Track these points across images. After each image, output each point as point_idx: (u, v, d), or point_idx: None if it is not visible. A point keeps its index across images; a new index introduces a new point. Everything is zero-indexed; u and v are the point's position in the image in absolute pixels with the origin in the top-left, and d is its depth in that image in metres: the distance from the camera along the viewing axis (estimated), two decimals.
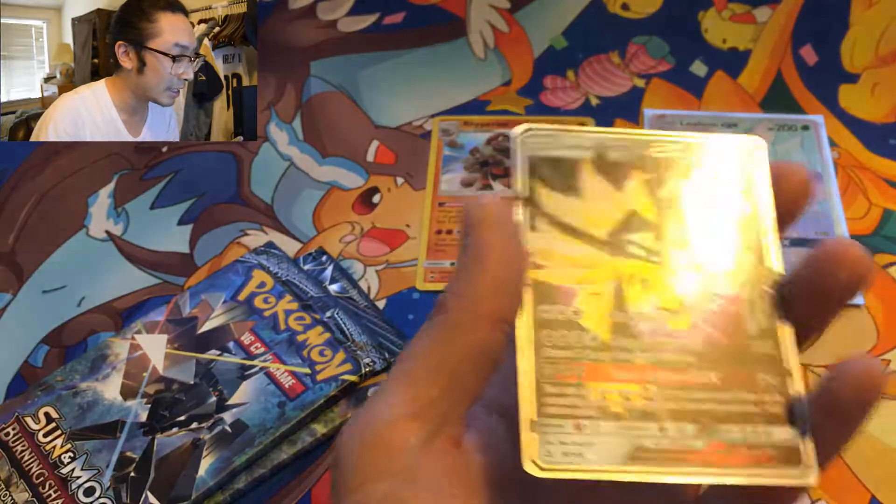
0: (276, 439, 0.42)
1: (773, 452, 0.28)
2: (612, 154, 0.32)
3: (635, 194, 0.32)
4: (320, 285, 0.49)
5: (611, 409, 0.28)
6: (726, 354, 0.29)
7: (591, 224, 0.31)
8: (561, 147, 0.32)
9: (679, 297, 0.30)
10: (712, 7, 0.65)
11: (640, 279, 0.31)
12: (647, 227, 0.31)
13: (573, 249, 0.31)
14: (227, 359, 0.45)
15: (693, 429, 0.29)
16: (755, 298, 0.30)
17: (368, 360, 0.44)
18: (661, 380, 0.29)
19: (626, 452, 0.28)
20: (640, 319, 0.30)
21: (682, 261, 0.30)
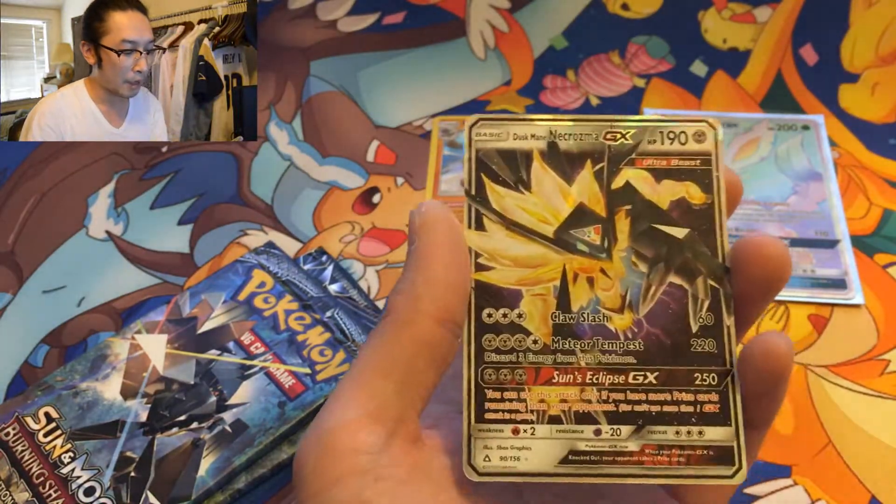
0: (276, 439, 0.42)
1: (705, 452, 0.28)
2: (564, 143, 0.31)
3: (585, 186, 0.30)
4: (320, 285, 0.49)
5: (549, 413, 0.28)
6: (667, 354, 0.29)
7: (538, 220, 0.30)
8: (511, 138, 0.31)
9: (623, 296, 0.29)
10: (712, 7, 0.65)
11: (585, 277, 0.30)
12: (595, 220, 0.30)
13: (519, 248, 0.30)
14: (228, 359, 0.45)
15: (628, 430, 0.29)
16: (700, 295, 0.29)
17: None
18: (600, 382, 0.29)
19: (561, 455, 0.28)
20: (583, 320, 0.30)
21: (628, 256, 0.30)
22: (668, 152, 0.31)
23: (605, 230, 0.30)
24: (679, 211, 0.30)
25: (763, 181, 0.53)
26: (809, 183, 0.53)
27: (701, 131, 0.31)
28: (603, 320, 0.30)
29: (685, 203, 0.30)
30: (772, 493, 0.40)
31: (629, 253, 0.30)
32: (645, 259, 0.30)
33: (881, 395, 0.44)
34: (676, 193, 0.30)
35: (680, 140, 0.31)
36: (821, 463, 0.41)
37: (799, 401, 0.43)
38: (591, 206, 0.30)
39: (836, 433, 0.42)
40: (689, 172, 0.31)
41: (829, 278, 0.48)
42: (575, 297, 0.30)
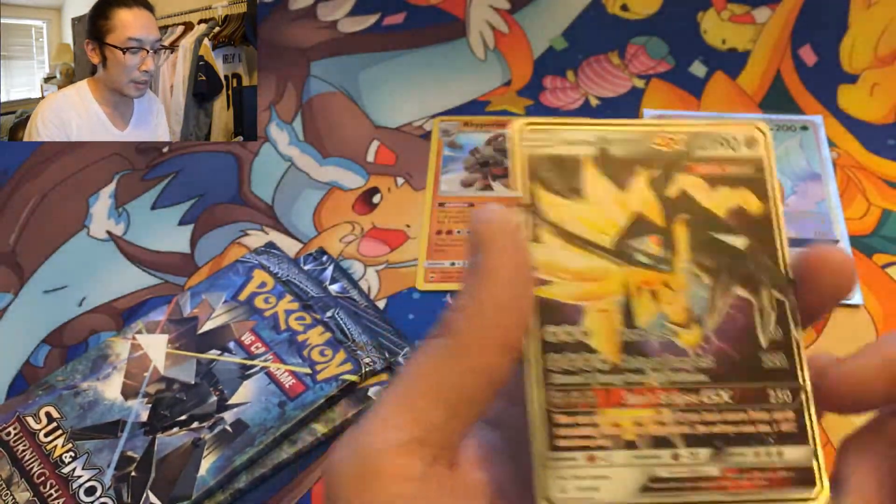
0: (276, 439, 0.42)
1: (786, 474, 0.27)
2: (615, 149, 0.30)
3: (640, 194, 0.29)
4: (321, 285, 0.49)
5: (624, 437, 0.27)
6: (739, 370, 0.28)
7: (595, 231, 0.29)
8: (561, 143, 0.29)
9: (689, 309, 0.28)
10: (711, 8, 0.65)
11: (649, 291, 0.29)
12: (654, 230, 0.29)
13: (578, 261, 0.28)
14: (228, 359, 0.45)
15: (706, 454, 0.27)
16: (766, 307, 0.28)
17: (368, 360, 0.45)
18: (673, 402, 0.28)
19: (641, 483, 0.27)
20: (649, 336, 0.28)
21: (690, 268, 0.28)
22: (720, 158, 0.30)
23: (664, 240, 0.29)
24: (737, 220, 0.29)
25: None
26: (808, 183, 0.53)
27: (752, 136, 0.30)
28: (671, 336, 0.28)
29: (742, 211, 0.29)
30: None
31: (691, 264, 0.28)
32: (707, 270, 0.28)
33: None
34: (733, 201, 0.29)
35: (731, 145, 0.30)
36: None
37: None
38: (649, 215, 0.29)
39: (835, 432, 0.43)
40: (744, 179, 0.30)
41: None
42: (640, 312, 0.29)
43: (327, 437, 0.44)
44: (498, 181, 0.55)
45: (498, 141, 0.58)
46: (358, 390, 0.44)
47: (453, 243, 0.52)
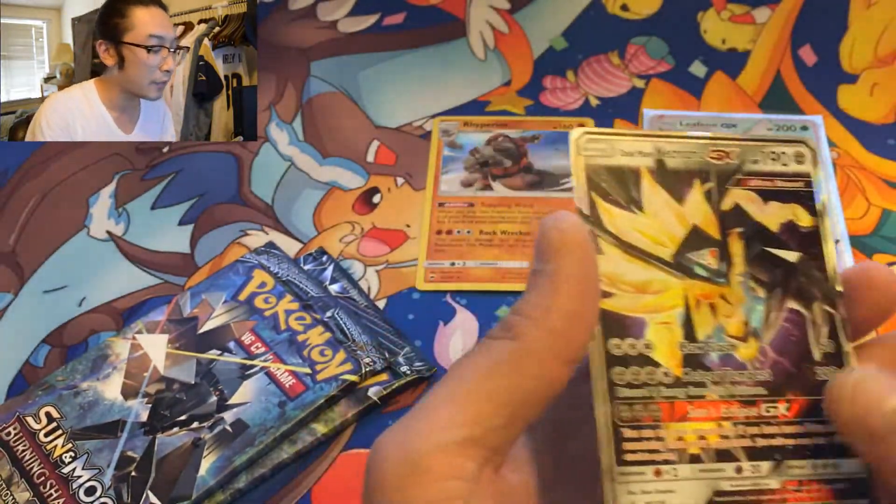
0: (276, 439, 0.42)
1: (842, 486, 0.27)
2: (671, 161, 0.29)
3: (696, 207, 0.29)
4: (321, 285, 0.49)
5: (688, 451, 0.27)
6: (795, 383, 0.28)
7: (654, 243, 0.29)
8: (619, 154, 0.29)
9: (746, 323, 0.28)
10: (711, 7, 0.65)
11: (707, 304, 0.29)
12: (711, 243, 0.29)
13: (639, 273, 0.28)
14: (228, 359, 0.45)
15: (767, 467, 0.28)
16: (818, 320, 0.28)
17: (368, 360, 0.45)
18: (734, 415, 0.28)
19: (706, 497, 0.27)
20: (709, 349, 0.29)
21: (746, 281, 0.29)
22: (770, 173, 0.30)
23: (720, 253, 0.29)
24: (788, 234, 0.29)
25: None
26: None
27: (800, 152, 0.31)
28: (729, 349, 0.29)
29: (793, 226, 0.29)
30: None
31: (746, 277, 0.29)
32: (762, 284, 0.29)
33: None
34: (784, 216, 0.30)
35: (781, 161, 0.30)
36: None
37: None
38: (705, 228, 0.29)
39: None
40: (794, 194, 0.30)
41: None
42: (699, 325, 0.29)
43: (327, 436, 0.44)
44: (498, 181, 0.55)
45: (498, 141, 0.58)
46: (358, 390, 0.44)
47: (453, 243, 0.52)
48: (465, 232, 0.52)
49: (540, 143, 0.57)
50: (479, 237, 0.52)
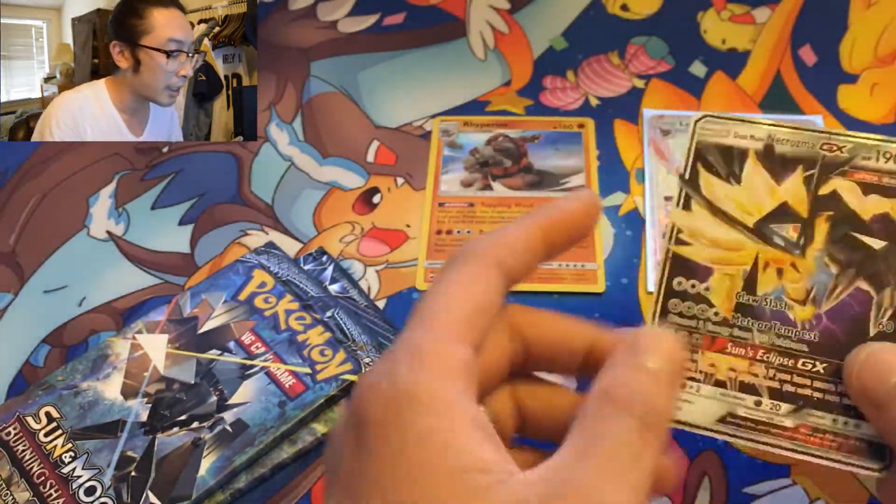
0: (276, 439, 0.42)
1: (858, 444, 0.30)
2: (780, 147, 0.33)
3: (793, 187, 0.33)
4: (321, 285, 0.49)
5: (716, 376, 0.31)
6: (840, 349, 0.30)
7: (741, 211, 0.33)
8: (732, 136, 0.34)
9: (809, 290, 0.31)
10: (711, 8, 0.65)
11: (776, 268, 0.32)
12: (796, 219, 0.32)
13: (719, 231, 0.32)
14: (228, 358, 0.45)
15: (787, 408, 0.31)
16: (885, 303, 0.31)
17: (368, 360, 0.45)
18: (770, 361, 0.31)
19: (720, 416, 0.30)
20: (764, 304, 0.32)
21: (821, 257, 0.31)
22: (879, 169, 0.33)
23: (803, 229, 0.32)
24: (881, 224, 0.32)
25: None
26: None
27: None
28: (784, 308, 0.32)
29: (888, 218, 0.32)
30: (771, 492, 0.41)
31: (823, 254, 0.32)
32: (838, 262, 0.32)
33: None
34: (881, 208, 0.32)
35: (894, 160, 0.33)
36: None
37: None
38: (794, 206, 0.32)
39: None
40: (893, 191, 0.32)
41: None
42: (762, 282, 0.32)
43: (327, 436, 0.44)
44: (498, 181, 0.55)
45: (498, 141, 0.58)
46: None
47: (453, 243, 0.52)
48: (465, 232, 0.52)
49: (540, 143, 0.57)
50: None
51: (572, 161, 0.56)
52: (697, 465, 0.41)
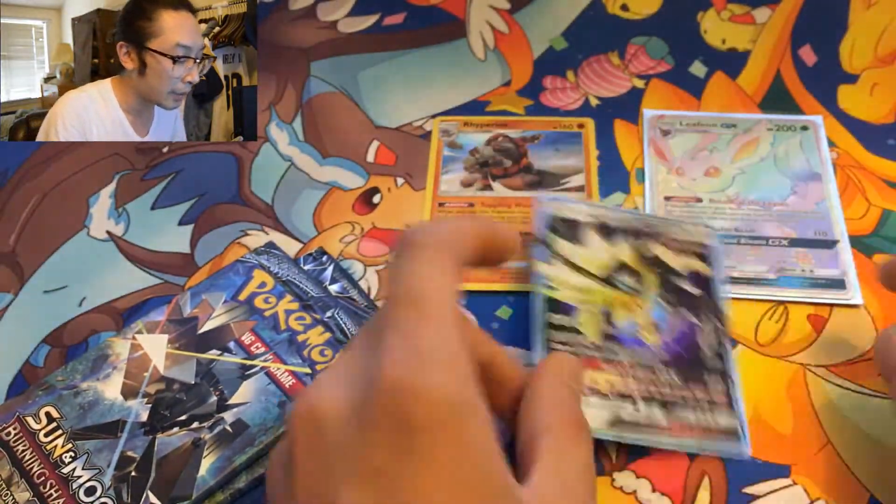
0: (276, 438, 0.42)
1: (719, 432, 0.39)
2: (610, 222, 0.45)
3: (626, 251, 0.44)
4: (321, 285, 0.49)
5: (599, 389, 0.38)
6: (685, 364, 0.40)
7: (591, 265, 0.43)
8: (571, 212, 0.45)
9: (654, 322, 0.41)
10: (711, 8, 0.65)
11: (625, 306, 0.42)
12: (633, 273, 0.43)
13: (577, 279, 0.42)
14: (228, 359, 0.45)
15: (660, 410, 0.39)
16: (707, 331, 0.42)
17: None
18: (637, 375, 0.39)
19: (609, 420, 0.38)
20: (624, 333, 0.41)
21: (657, 299, 0.42)
22: (682, 240, 0.45)
23: (640, 280, 0.43)
24: (694, 278, 0.44)
25: (762, 181, 0.54)
26: (808, 183, 0.53)
27: (708, 232, 0.46)
28: (638, 335, 0.41)
29: (695, 273, 0.44)
30: (771, 492, 0.41)
31: (658, 296, 0.42)
32: (669, 302, 0.42)
33: (880, 394, 0.44)
34: (690, 265, 0.44)
35: (691, 234, 0.46)
36: (820, 462, 0.41)
37: (798, 400, 0.44)
38: (629, 263, 0.43)
39: (834, 433, 0.43)
40: (698, 255, 0.45)
41: (828, 278, 0.48)
42: (617, 316, 0.42)
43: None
44: (497, 181, 0.55)
45: (497, 141, 0.58)
46: None
47: None
48: None
49: (540, 143, 0.57)
50: None
51: (572, 161, 0.56)
52: (697, 465, 0.41)
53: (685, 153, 0.56)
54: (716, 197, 0.53)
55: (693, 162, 0.55)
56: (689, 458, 0.41)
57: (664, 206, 0.52)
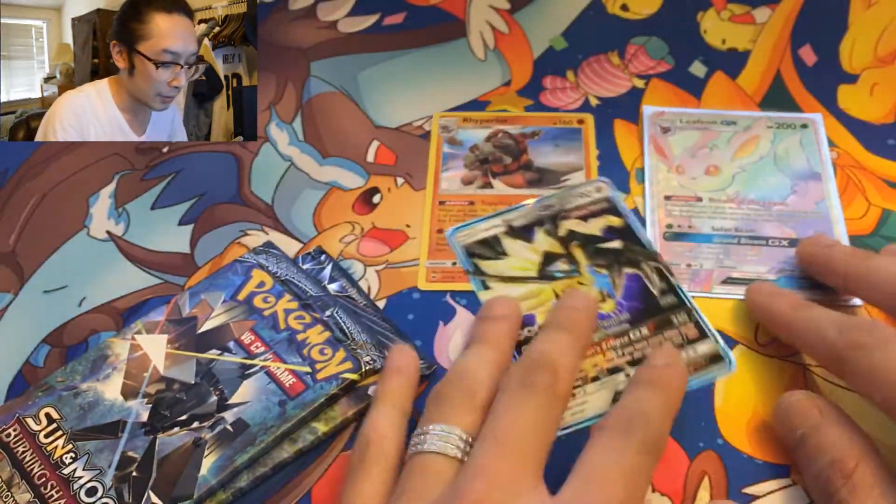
0: (277, 437, 0.42)
1: (703, 360, 0.39)
2: (516, 223, 0.45)
3: (542, 241, 0.44)
4: (319, 284, 0.49)
5: (589, 375, 0.39)
6: (646, 314, 0.41)
7: (521, 270, 0.44)
8: (480, 232, 0.45)
9: (600, 291, 0.42)
10: (711, 8, 0.65)
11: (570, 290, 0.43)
12: (559, 257, 0.44)
13: (519, 290, 0.43)
14: (228, 358, 0.45)
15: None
16: (649, 272, 0.43)
17: (368, 359, 0.45)
18: (612, 346, 0.40)
19: (611, 397, 0.39)
20: None
21: (591, 268, 0.43)
22: (583, 205, 0.46)
23: (569, 259, 0.43)
24: (609, 233, 0.44)
25: (763, 180, 0.54)
26: (808, 182, 0.53)
27: (600, 186, 0.47)
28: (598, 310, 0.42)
29: (611, 227, 0.45)
30: (770, 492, 0.41)
31: (591, 267, 0.43)
32: (603, 266, 0.43)
33: None
34: (602, 224, 0.45)
35: (587, 196, 0.46)
36: None
37: None
38: (552, 250, 0.44)
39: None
40: (602, 210, 0.46)
41: None
42: None
43: (328, 435, 0.44)
44: (498, 178, 0.55)
45: (497, 137, 0.58)
46: (358, 389, 0.44)
47: None
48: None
49: (540, 140, 0.57)
50: None
51: (572, 158, 0.56)
52: (697, 465, 0.41)
53: (685, 150, 0.56)
54: (716, 196, 0.53)
55: (693, 160, 0.55)
56: (689, 458, 0.41)
57: (664, 205, 0.52)
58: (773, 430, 0.42)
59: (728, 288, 0.48)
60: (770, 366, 0.45)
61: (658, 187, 0.53)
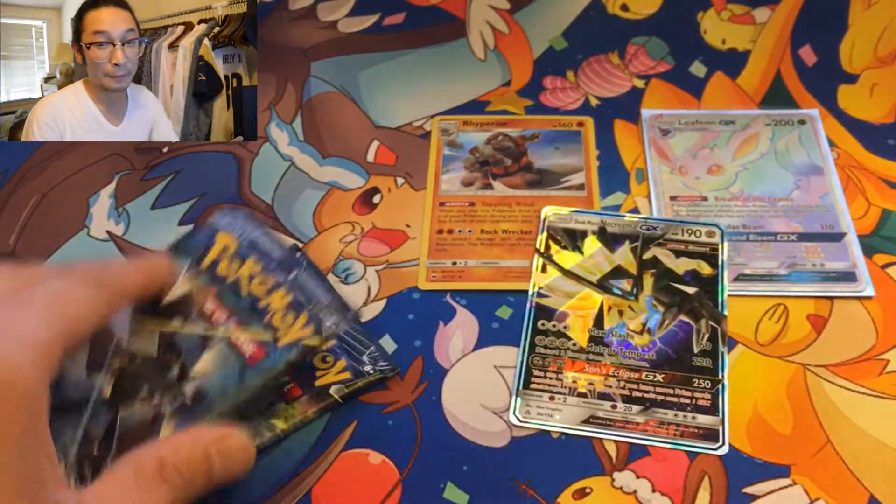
0: (234, 407, 0.41)
1: (697, 431, 0.40)
2: (611, 228, 0.47)
3: (623, 255, 0.45)
4: (284, 247, 0.48)
5: (578, 389, 0.40)
6: (673, 363, 0.42)
7: (586, 271, 0.45)
8: (573, 222, 0.48)
9: (644, 324, 0.43)
10: (711, 8, 0.65)
11: (617, 309, 0.44)
12: (628, 276, 0.44)
13: (570, 287, 0.44)
14: (190, 329, 0.44)
15: (637, 409, 0.41)
16: (702, 329, 0.43)
17: (330, 323, 0.44)
18: (620, 375, 0.41)
19: (584, 418, 0.40)
20: (612, 335, 0.43)
21: (650, 300, 0.44)
22: (686, 241, 0.47)
23: (635, 283, 0.44)
24: (692, 276, 0.45)
25: (765, 177, 0.54)
26: (811, 177, 0.53)
27: (711, 230, 0.48)
28: (627, 337, 0.43)
29: (696, 272, 0.45)
30: (770, 492, 0.41)
31: (651, 298, 0.44)
32: (662, 303, 0.44)
33: (880, 394, 0.44)
34: (690, 266, 0.45)
35: (695, 234, 0.47)
36: (820, 462, 0.41)
37: (798, 400, 0.43)
38: (627, 267, 0.45)
39: (834, 433, 0.43)
40: (700, 254, 0.46)
41: (839, 271, 0.48)
42: (608, 320, 0.44)
43: (286, 432, 0.44)
44: (498, 180, 0.55)
45: (497, 140, 0.58)
46: (320, 388, 0.44)
47: (454, 242, 0.52)
48: (466, 231, 0.52)
49: (540, 142, 0.57)
50: (480, 236, 0.52)
51: (572, 159, 0.56)
52: (697, 465, 0.41)
53: (686, 151, 0.56)
54: (721, 195, 0.53)
55: (695, 160, 0.55)
56: (690, 458, 0.41)
57: (671, 206, 0.52)
58: (773, 429, 0.42)
59: (741, 285, 0.48)
60: (770, 366, 0.45)
61: (663, 188, 0.53)
